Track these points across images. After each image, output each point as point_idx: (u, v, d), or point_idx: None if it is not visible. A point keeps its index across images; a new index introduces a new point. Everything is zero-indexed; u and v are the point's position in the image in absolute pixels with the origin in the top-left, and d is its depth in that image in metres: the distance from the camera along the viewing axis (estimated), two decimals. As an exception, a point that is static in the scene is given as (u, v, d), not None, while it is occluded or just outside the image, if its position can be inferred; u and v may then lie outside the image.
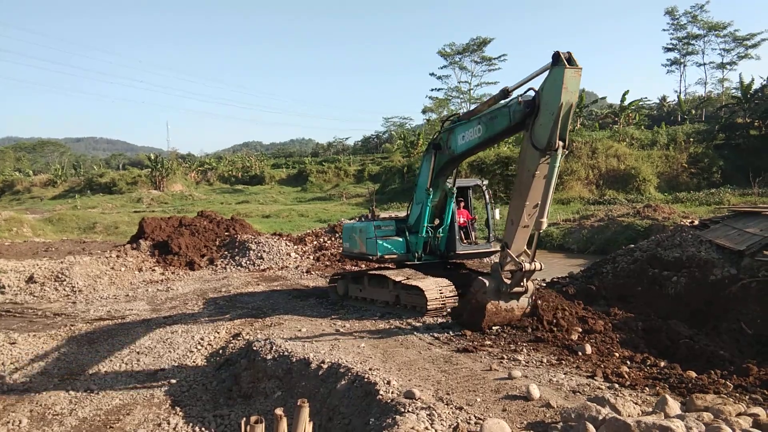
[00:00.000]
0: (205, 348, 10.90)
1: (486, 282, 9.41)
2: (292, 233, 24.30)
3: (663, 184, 41.86)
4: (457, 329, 9.92)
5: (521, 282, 9.27)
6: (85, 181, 70.79)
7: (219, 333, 11.44)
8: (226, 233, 22.45)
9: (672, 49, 72.48)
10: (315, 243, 22.06)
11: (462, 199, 12.85)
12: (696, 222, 17.82)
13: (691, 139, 45.89)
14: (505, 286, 9.28)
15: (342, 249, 14.71)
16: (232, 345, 10.69)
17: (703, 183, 40.80)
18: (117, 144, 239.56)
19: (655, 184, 41.56)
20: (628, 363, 8.04)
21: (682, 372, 7.53)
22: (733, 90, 60.05)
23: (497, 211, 12.92)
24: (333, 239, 22.18)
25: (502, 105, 9.42)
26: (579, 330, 9.39)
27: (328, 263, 19.92)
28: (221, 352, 10.64)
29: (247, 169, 78.77)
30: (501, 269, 9.26)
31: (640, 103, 62.51)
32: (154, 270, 19.37)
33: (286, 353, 9.11)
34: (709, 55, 73.68)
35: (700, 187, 39.58)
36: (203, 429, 8.41)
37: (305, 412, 4.47)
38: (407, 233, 12.46)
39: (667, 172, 43.12)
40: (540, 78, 8.54)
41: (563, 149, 8.23)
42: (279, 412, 4.41)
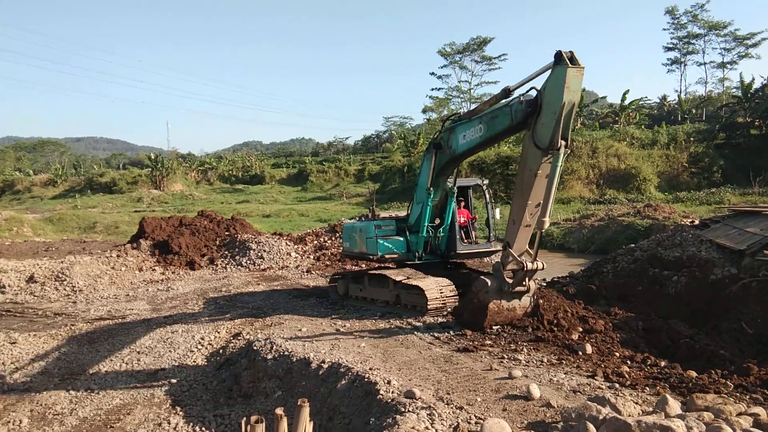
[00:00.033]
0: (206, 348, 10.90)
1: (488, 281, 9.41)
2: (292, 233, 24.30)
3: (663, 183, 41.84)
4: (458, 329, 9.91)
5: (523, 281, 9.27)
6: (86, 181, 70.83)
7: (219, 333, 11.45)
8: (226, 233, 22.46)
9: (672, 49, 72.51)
10: (315, 243, 22.06)
11: (462, 199, 12.84)
12: (696, 221, 17.81)
13: (692, 139, 45.86)
14: (507, 285, 9.27)
15: (342, 249, 14.71)
16: (232, 345, 10.69)
17: (704, 182, 40.78)
18: (117, 144, 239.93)
19: (656, 183, 41.54)
20: (628, 363, 8.04)
21: (682, 372, 7.53)
22: (734, 89, 60.10)
23: (497, 211, 12.92)
24: (333, 239, 22.18)
25: (503, 104, 9.41)
26: (579, 330, 9.39)
27: (328, 263, 19.92)
28: (221, 351, 10.64)
29: (248, 169, 78.80)
30: (503, 268, 9.26)
31: (640, 103, 62.52)
32: (154, 270, 19.38)
33: (286, 353, 9.11)
34: (710, 55, 73.67)
35: (700, 187, 39.57)
36: (204, 429, 8.41)
37: (305, 411, 4.47)
38: (408, 233, 12.46)
39: (668, 171, 43.11)
40: (542, 77, 8.55)
41: (565, 148, 8.22)
42: (279, 411, 4.41)
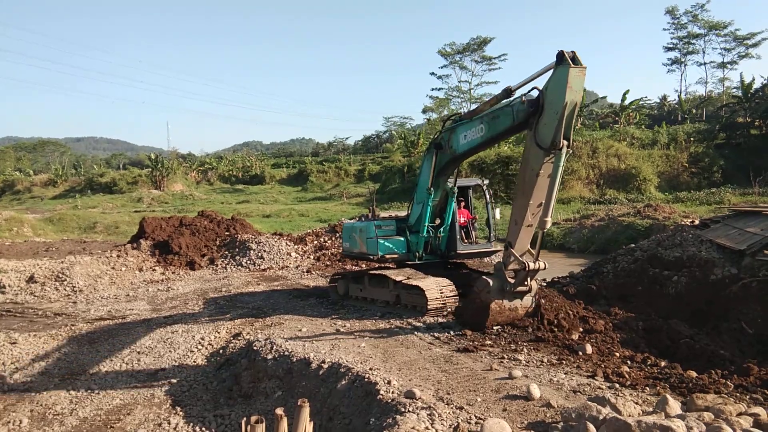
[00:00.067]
0: (206, 348, 10.90)
1: (490, 281, 9.40)
2: (292, 233, 24.30)
3: (663, 183, 41.84)
4: (458, 329, 9.91)
5: (525, 281, 9.27)
6: (86, 181, 70.84)
7: (219, 333, 11.45)
8: (226, 233, 22.47)
9: (672, 49, 72.54)
10: (315, 243, 22.06)
11: (462, 199, 12.84)
12: (696, 221, 17.82)
13: (692, 139, 45.86)
14: (509, 285, 9.26)
15: (342, 249, 14.71)
16: (232, 345, 10.69)
17: (704, 182, 40.78)
18: (117, 144, 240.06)
19: (656, 183, 41.54)
20: (628, 363, 8.04)
21: (682, 372, 7.53)
22: (734, 89, 60.07)
23: (497, 211, 12.92)
24: (333, 239, 22.18)
25: (504, 104, 9.41)
26: (580, 330, 9.39)
27: (328, 263, 19.92)
28: (222, 351, 10.64)
29: (248, 169, 78.79)
30: (505, 268, 9.25)
31: (640, 103, 62.48)
32: (154, 270, 19.38)
33: (286, 353, 9.11)
34: (710, 55, 73.54)
35: (700, 187, 39.57)
36: (204, 429, 8.41)
37: (306, 411, 4.47)
38: (408, 233, 12.46)
39: (668, 171, 43.10)
40: (543, 77, 8.55)
41: (567, 148, 8.23)
42: (279, 411, 4.41)
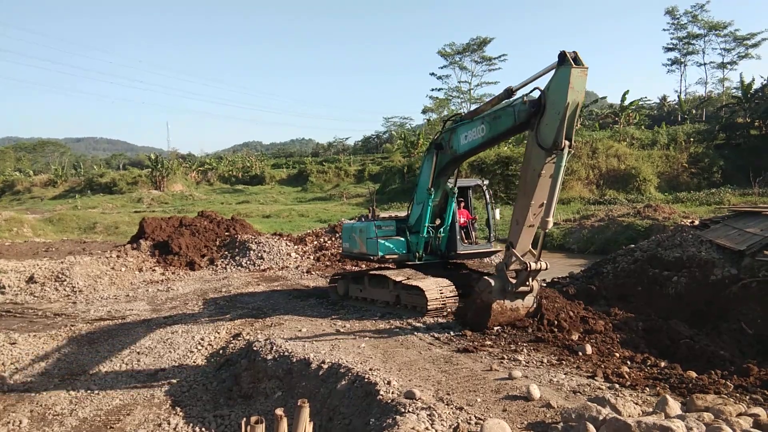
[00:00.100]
0: (206, 348, 10.90)
1: (491, 282, 9.40)
2: (292, 233, 24.29)
3: (663, 184, 41.84)
4: (458, 329, 9.92)
5: (527, 281, 9.27)
6: (86, 181, 70.77)
7: (219, 333, 11.44)
8: (226, 233, 22.47)
9: (672, 49, 72.48)
10: (315, 243, 22.06)
11: (462, 199, 12.85)
12: (696, 222, 17.81)
13: (692, 139, 45.86)
14: (511, 285, 9.27)
15: (342, 249, 14.71)
16: (232, 345, 10.69)
17: (704, 183, 40.78)
18: (117, 144, 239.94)
19: (656, 184, 41.54)
20: (628, 363, 8.04)
21: (682, 372, 7.53)
22: (734, 90, 60.12)
23: (497, 211, 12.92)
24: (333, 239, 22.18)
25: (506, 105, 9.41)
26: (580, 330, 9.39)
27: (328, 263, 19.92)
28: (221, 352, 10.64)
29: (248, 169, 78.76)
30: (506, 269, 9.26)
31: (640, 103, 62.51)
32: (154, 270, 19.38)
33: (286, 353, 9.11)
34: (710, 55, 73.66)
35: (700, 187, 39.56)
36: (203, 429, 8.41)
37: (305, 412, 4.47)
38: (408, 233, 12.46)
39: (668, 172, 43.11)
40: (545, 78, 8.56)
41: (569, 148, 8.23)
42: (279, 412, 4.40)
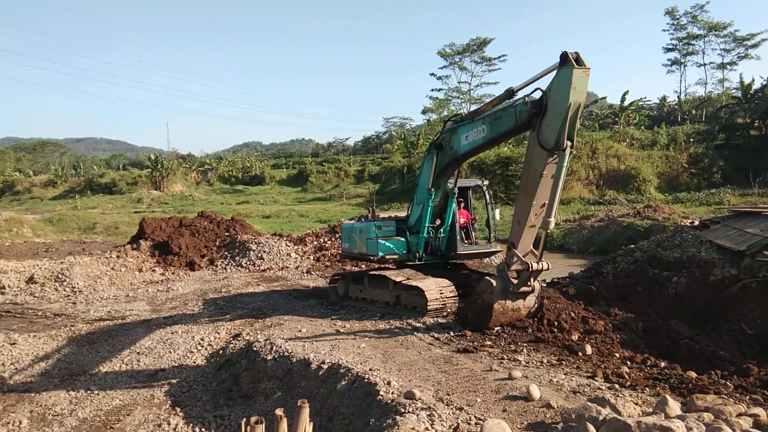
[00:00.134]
0: (206, 348, 10.90)
1: (493, 282, 9.41)
2: (292, 233, 24.29)
3: (663, 184, 41.87)
4: (458, 330, 9.92)
5: (528, 281, 9.28)
6: (86, 182, 70.75)
7: (219, 333, 11.44)
8: (226, 233, 22.47)
9: (672, 50, 72.45)
10: (315, 243, 22.06)
11: (462, 200, 12.85)
12: (696, 222, 17.81)
13: (692, 140, 45.88)
14: (512, 285, 9.28)
15: (341, 249, 14.72)
16: (232, 345, 10.69)
17: (704, 183, 40.81)
18: (117, 144, 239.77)
19: (656, 184, 41.57)
20: (628, 363, 8.04)
21: (682, 372, 7.53)
22: (734, 90, 60.10)
23: (497, 212, 12.93)
24: (333, 239, 22.18)
25: (507, 105, 9.42)
26: (580, 330, 9.39)
27: (328, 263, 19.92)
28: (221, 352, 10.64)
29: (248, 170, 78.75)
30: (507, 269, 9.27)
31: (640, 104, 62.56)
32: (154, 270, 19.37)
33: (286, 354, 9.11)
34: (710, 56, 73.53)
35: (700, 188, 39.58)
36: (203, 429, 8.40)
37: (305, 412, 4.47)
38: (408, 233, 12.46)
39: (668, 172, 43.13)
40: (546, 78, 8.56)
41: (571, 149, 8.24)
42: (279, 412, 4.40)
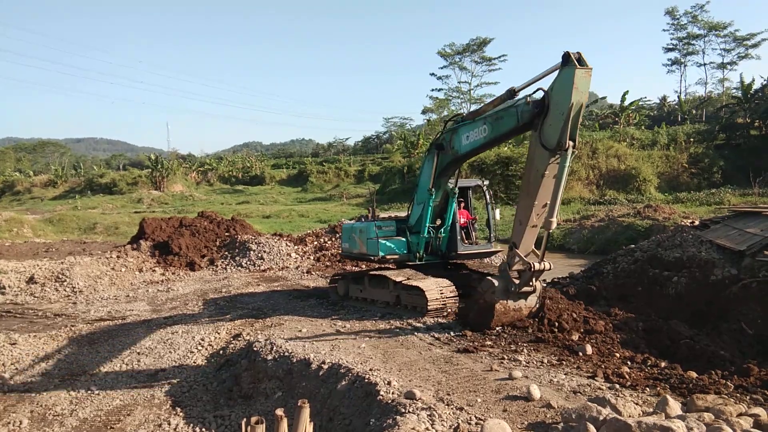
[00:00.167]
0: (206, 348, 10.90)
1: (495, 282, 9.40)
2: (292, 234, 24.29)
3: (663, 184, 41.86)
4: (458, 330, 9.92)
5: (530, 281, 9.28)
6: (86, 182, 70.79)
7: (219, 333, 11.44)
8: (226, 234, 22.47)
9: (672, 49, 72.49)
10: (315, 243, 22.06)
11: (462, 200, 12.85)
12: (696, 222, 17.80)
13: (692, 140, 45.89)
14: (514, 285, 9.28)
15: (341, 249, 14.72)
16: (232, 345, 10.69)
17: (704, 183, 40.82)
18: (117, 144, 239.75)
19: (656, 184, 41.57)
20: (628, 363, 8.04)
21: (682, 372, 7.53)
22: (734, 90, 60.15)
23: (497, 212, 12.93)
24: (333, 240, 22.18)
25: (508, 105, 9.41)
26: (580, 330, 9.39)
27: (328, 264, 19.92)
28: (222, 352, 10.64)
29: (248, 170, 78.81)
30: (509, 269, 9.26)
31: (640, 103, 62.54)
32: (154, 270, 19.37)
33: (286, 354, 9.10)
34: (710, 55, 73.64)
35: (700, 188, 39.58)
36: (204, 429, 8.40)
37: (306, 412, 4.47)
38: (408, 233, 12.46)
39: (668, 172, 43.13)
40: (548, 78, 8.56)
41: (573, 149, 8.24)
42: (279, 412, 4.40)
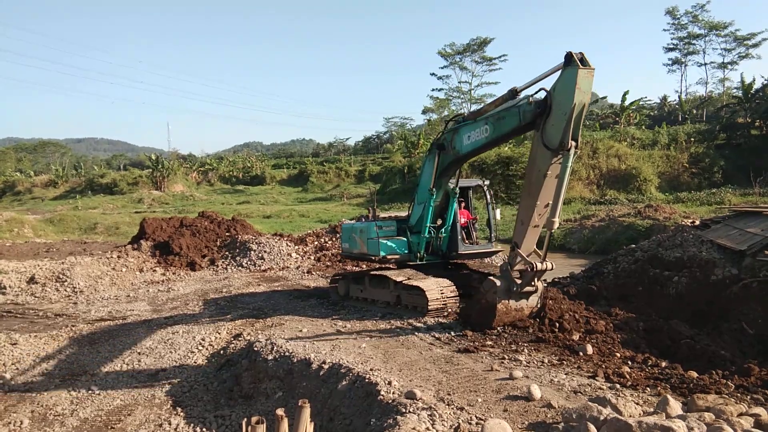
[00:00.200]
0: (206, 348, 10.90)
1: (497, 282, 9.40)
2: (292, 234, 24.30)
3: (664, 184, 41.85)
4: (459, 329, 9.92)
5: (532, 281, 9.27)
6: (86, 182, 70.88)
7: (220, 333, 11.45)
8: (227, 234, 22.48)
9: (673, 49, 72.57)
10: (316, 243, 22.07)
11: (463, 200, 12.85)
12: (697, 222, 17.79)
13: (692, 139, 45.88)
14: (516, 285, 9.27)
15: (342, 249, 14.72)
16: (233, 345, 10.70)
17: (704, 183, 40.81)
18: (118, 144, 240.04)
19: (656, 184, 41.56)
20: (629, 363, 8.04)
21: (683, 372, 7.52)
22: (734, 90, 60.11)
23: (498, 212, 12.93)
24: (334, 240, 22.19)
25: (510, 105, 9.40)
26: (581, 330, 9.39)
27: (329, 263, 19.92)
28: (222, 352, 10.64)
29: (248, 170, 78.88)
30: (511, 269, 9.25)
31: (640, 103, 62.50)
32: (155, 270, 19.38)
33: (287, 354, 9.11)
34: (710, 55, 73.74)
35: (701, 187, 39.57)
36: (204, 429, 8.40)
37: (306, 412, 4.47)
38: (409, 233, 12.46)
39: (668, 172, 43.12)
40: (550, 78, 8.56)
41: (575, 149, 8.23)
42: (280, 412, 4.41)
